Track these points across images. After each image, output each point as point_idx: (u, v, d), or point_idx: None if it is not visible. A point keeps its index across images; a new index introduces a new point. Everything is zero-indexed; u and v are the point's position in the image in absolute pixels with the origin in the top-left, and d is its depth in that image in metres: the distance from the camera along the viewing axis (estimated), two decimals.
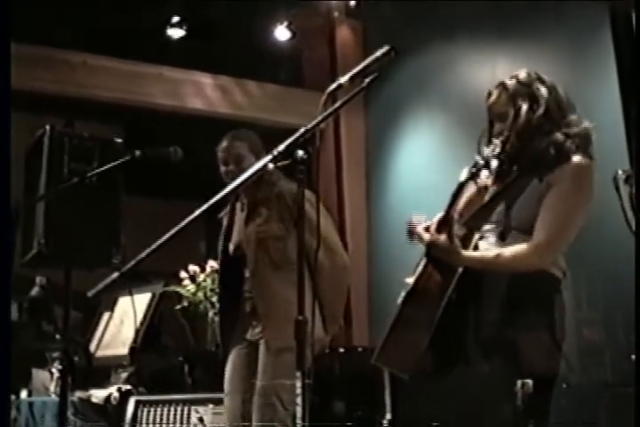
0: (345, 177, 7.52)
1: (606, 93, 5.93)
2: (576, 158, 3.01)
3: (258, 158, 4.25)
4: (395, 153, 7.69)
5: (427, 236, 3.05)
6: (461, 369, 3.01)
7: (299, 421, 2.32)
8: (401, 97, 7.32)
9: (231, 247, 4.40)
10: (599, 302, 6.36)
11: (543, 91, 3.09)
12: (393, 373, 3.19)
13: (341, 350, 5.91)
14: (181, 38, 7.26)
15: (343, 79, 2.80)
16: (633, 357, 6.20)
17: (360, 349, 6.17)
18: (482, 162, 2.96)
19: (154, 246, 2.36)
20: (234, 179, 4.27)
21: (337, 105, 2.70)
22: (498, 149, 2.99)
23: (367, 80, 2.78)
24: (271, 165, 2.54)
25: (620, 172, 3.43)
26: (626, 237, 5.80)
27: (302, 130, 2.63)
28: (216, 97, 7.51)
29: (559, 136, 3.03)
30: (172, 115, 7.47)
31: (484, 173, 2.98)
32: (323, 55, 7.85)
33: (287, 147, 2.59)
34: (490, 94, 3.20)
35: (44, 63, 6.54)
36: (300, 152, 2.59)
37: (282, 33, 7.54)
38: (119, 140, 5.21)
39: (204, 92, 7.45)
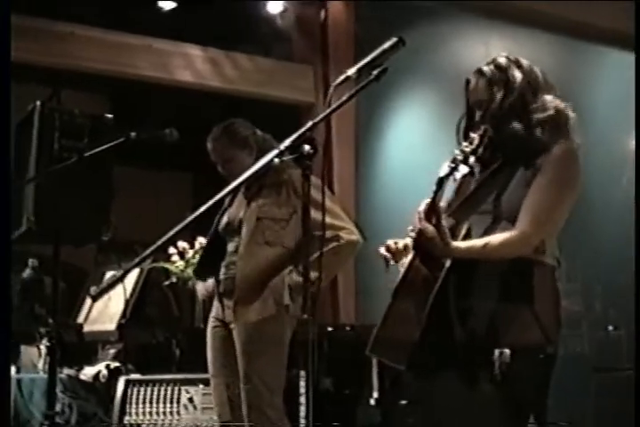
0: (335, 154, 7.47)
1: (600, 78, 5.93)
2: (561, 143, 3.00)
3: (246, 150, 4.36)
4: (385, 130, 7.66)
5: (417, 224, 2.97)
6: (455, 361, 3.01)
7: (302, 420, 2.30)
8: (393, 73, 7.26)
9: (223, 222, 4.42)
10: (578, 276, 6.42)
11: (517, 76, 3.04)
12: (387, 363, 3.17)
13: (329, 328, 5.93)
14: (172, 10, 7.17)
15: (350, 71, 2.74)
16: (610, 328, 6.28)
17: (348, 327, 6.19)
18: (460, 157, 2.91)
19: (157, 244, 2.31)
20: (230, 175, 4.38)
21: (344, 99, 2.66)
22: (476, 143, 2.94)
23: (375, 72, 2.73)
24: (277, 160, 2.50)
25: None
26: (607, 215, 5.87)
27: (309, 124, 2.59)
28: (205, 69, 7.43)
29: (533, 122, 3.01)
30: (161, 87, 7.39)
31: (463, 168, 2.92)
32: (314, 29, 7.77)
33: (294, 141, 2.55)
34: (468, 82, 3.16)
35: (32, 34, 6.44)
36: (307, 147, 2.55)
37: (274, 6, 7.47)
38: (110, 116, 5.19)
39: (193, 64, 7.37)
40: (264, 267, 4.19)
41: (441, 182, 2.91)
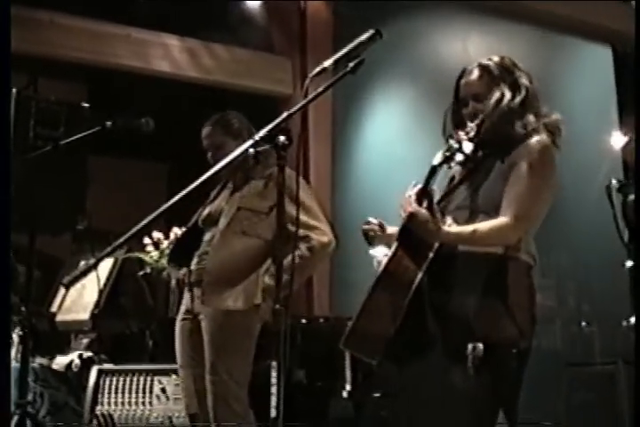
0: (311, 146, 7.47)
1: (577, 74, 5.96)
2: (536, 137, 3.05)
3: (237, 141, 4.34)
4: (362, 123, 7.66)
5: (408, 207, 3.00)
6: (429, 355, 3.03)
7: (273, 410, 2.31)
8: (371, 67, 7.26)
9: (204, 213, 4.45)
10: (553, 271, 6.45)
11: (524, 79, 3.12)
12: (360, 358, 3.19)
13: (303, 320, 5.93)
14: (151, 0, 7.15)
15: (327, 63, 2.76)
16: (583, 323, 6.32)
17: (322, 319, 6.18)
18: (456, 146, 2.94)
19: (130, 232, 2.31)
20: (217, 163, 4.39)
21: (320, 90, 2.67)
22: (472, 133, 2.98)
23: (351, 64, 2.74)
24: (252, 150, 2.50)
25: (613, 181, 3.44)
26: (582, 212, 5.91)
27: (284, 115, 2.60)
28: (184, 60, 7.41)
29: (530, 119, 3.06)
30: (139, 76, 7.37)
31: (459, 156, 2.96)
32: (292, 21, 7.77)
33: (269, 132, 2.55)
34: (465, 72, 3.19)
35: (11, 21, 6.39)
36: (282, 138, 2.56)
37: None
38: (86, 105, 5.17)
39: (171, 54, 7.35)
40: (237, 255, 4.21)
41: (434, 170, 2.95)
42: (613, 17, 5.57)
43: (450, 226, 3.05)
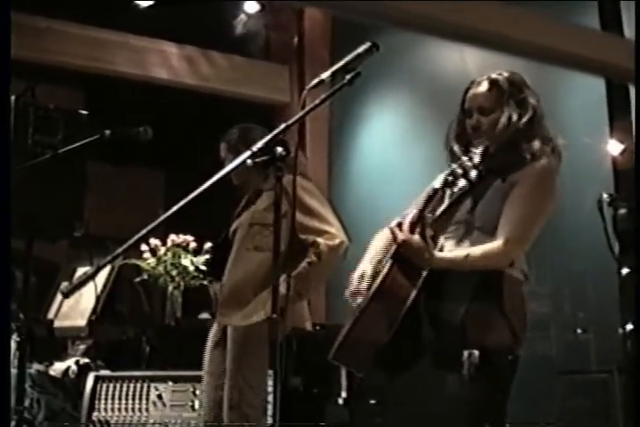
0: (308, 156, 7.47)
1: (574, 87, 5.97)
2: (543, 160, 3.06)
3: (236, 156, 4.35)
4: (358, 132, 7.67)
5: (400, 235, 3.02)
6: (422, 367, 3.05)
7: (269, 418, 2.34)
8: (367, 75, 7.28)
9: (232, 228, 4.50)
10: (548, 278, 6.45)
11: (532, 99, 3.12)
12: (349, 370, 3.22)
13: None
14: (149, 7, 7.17)
15: (324, 75, 2.78)
16: (578, 330, 6.33)
17: (317, 327, 6.19)
18: (459, 171, 2.94)
19: (130, 241, 2.34)
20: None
21: (316, 102, 2.70)
22: (477, 159, 2.97)
23: (348, 77, 2.77)
24: (249, 162, 2.53)
25: (604, 195, 3.46)
26: (577, 219, 5.92)
27: (282, 126, 2.62)
28: (181, 67, 7.43)
29: (536, 144, 3.06)
30: (137, 83, 7.39)
31: (462, 182, 2.95)
32: (290, 29, 7.79)
33: (266, 143, 2.58)
34: (473, 83, 3.19)
35: None
36: (279, 149, 2.59)
37: (250, 5, 7.48)
38: (84, 112, 5.20)
39: (169, 61, 7.37)
40: (253, 272, 4.23)
41: (434, 193, 2.95)
42: (607, 50, 5.57)
43: (443, 247, 3.07)
